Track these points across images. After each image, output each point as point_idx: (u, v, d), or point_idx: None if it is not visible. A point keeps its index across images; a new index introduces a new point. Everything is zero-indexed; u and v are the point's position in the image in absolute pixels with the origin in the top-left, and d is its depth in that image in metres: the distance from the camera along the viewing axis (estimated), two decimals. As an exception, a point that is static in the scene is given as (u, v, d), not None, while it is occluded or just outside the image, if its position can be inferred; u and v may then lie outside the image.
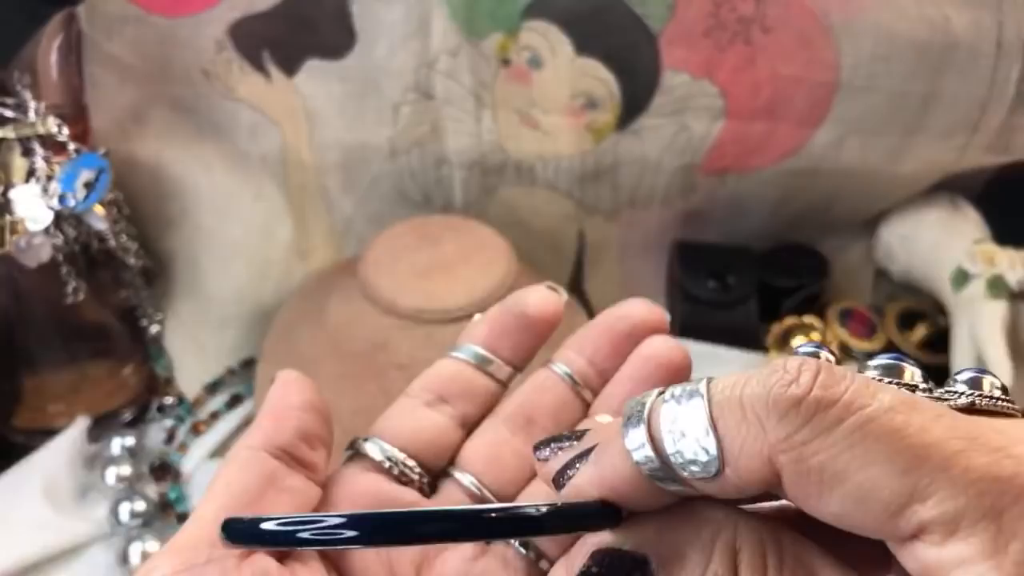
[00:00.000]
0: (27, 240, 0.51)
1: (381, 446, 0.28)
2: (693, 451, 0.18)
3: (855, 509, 0.17)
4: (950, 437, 0.17)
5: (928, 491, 0.17)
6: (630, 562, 0.19)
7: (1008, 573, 0.16)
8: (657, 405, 0.19)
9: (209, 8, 0.56)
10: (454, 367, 0.30)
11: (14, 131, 0.52)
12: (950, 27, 0.55)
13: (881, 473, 0.17)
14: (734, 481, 0.18)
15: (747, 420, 0.18)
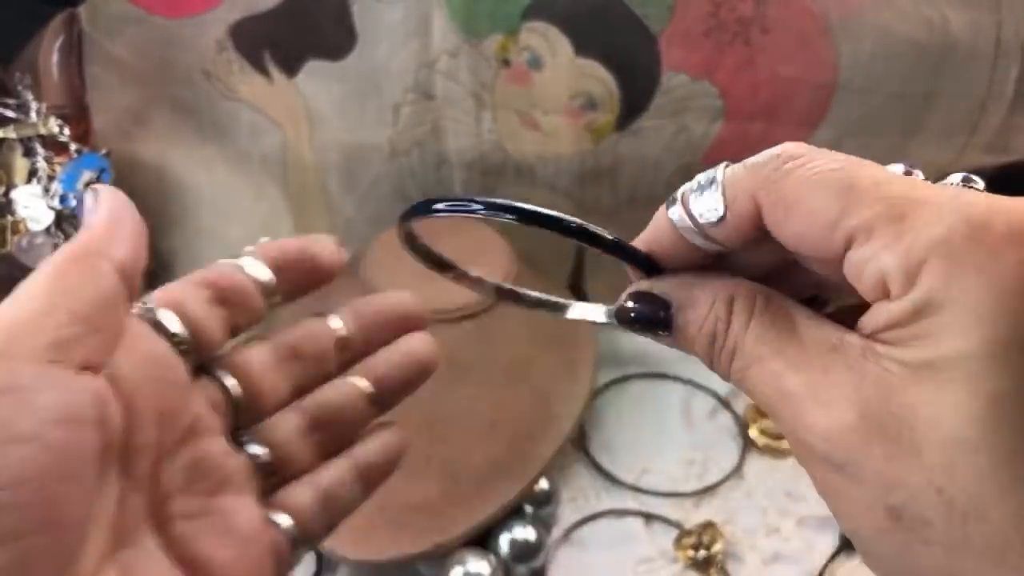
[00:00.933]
0: (29, 240, 0.51)
1: (178, 321, 0.28)
2: (708, 205, 0.24)
3: (808, 228, 0.22)
4: (879, 177, 0.22)
5: (853, 207, 0.22)
6: (659, 302, 0.26)
7: (899, 254, 0.21)
8: (687, 190, 0.25)
9: (210, 9, 0.56)
10: (241, 278, 0.31)
11: (16, 131, 0.52)
12: (949, 28, 0.55)
13: (824, 198, 0.22)
14: (734, 223, 0.24)
15: (744, 173, 0.24)
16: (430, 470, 0.50)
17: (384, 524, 0.48)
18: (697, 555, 0.50)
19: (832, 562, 0.51)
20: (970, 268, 0.20)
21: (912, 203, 0.21)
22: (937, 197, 0.21)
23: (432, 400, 0.51)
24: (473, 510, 0.49)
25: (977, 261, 0.20)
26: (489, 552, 0.50)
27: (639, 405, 0.61)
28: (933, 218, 0.21)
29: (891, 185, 0.22)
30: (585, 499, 0.55)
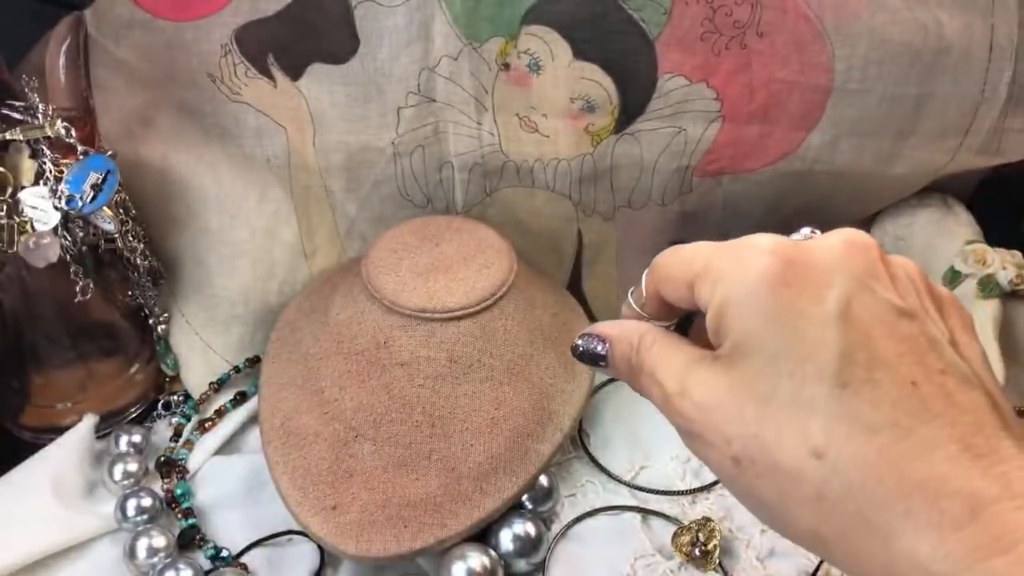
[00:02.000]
0: (36, 240, 0.52)
1: None
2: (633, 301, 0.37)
3: (675, 294, 0.34)
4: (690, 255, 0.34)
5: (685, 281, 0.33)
6: (597, 338, 0.36)
7: (708, 305, 0.32)
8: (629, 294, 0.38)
9: (215, 13, 0.56)
10: None
11: (22, 133, 0.52)
12: (942, 31, 0.55)
13: (677, 273, 0.34)
14: (651, 304, 0.36)
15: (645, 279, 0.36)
16: (431, 466, 0.51)
17: (385, 520, 0.49)
18: (694, 551, 0.51)
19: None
20: (743, 308, 0.30)
21: (716, 271, 0.32)
22: (735, 264, 0.31)
23: (433, 398, 0.52)
24: (474, 506, 0.50)
25: (749, 304, 0.30)
26: (490, 548, 0.50)
27: (637, 403, 0.60)
28: (729, 279, 0.31)
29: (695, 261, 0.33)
30: (584, 495, 0.56)
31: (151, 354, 0.62)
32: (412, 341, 0.53)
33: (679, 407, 0.32)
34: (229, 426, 0.60)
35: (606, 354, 0.36)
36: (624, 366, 0.35)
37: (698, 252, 0.33)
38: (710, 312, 0.31)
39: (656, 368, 0.33)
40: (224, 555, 0.52)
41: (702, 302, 0.32)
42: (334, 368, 0.54)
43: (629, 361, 0.35)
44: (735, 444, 0.29)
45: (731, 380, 0.30)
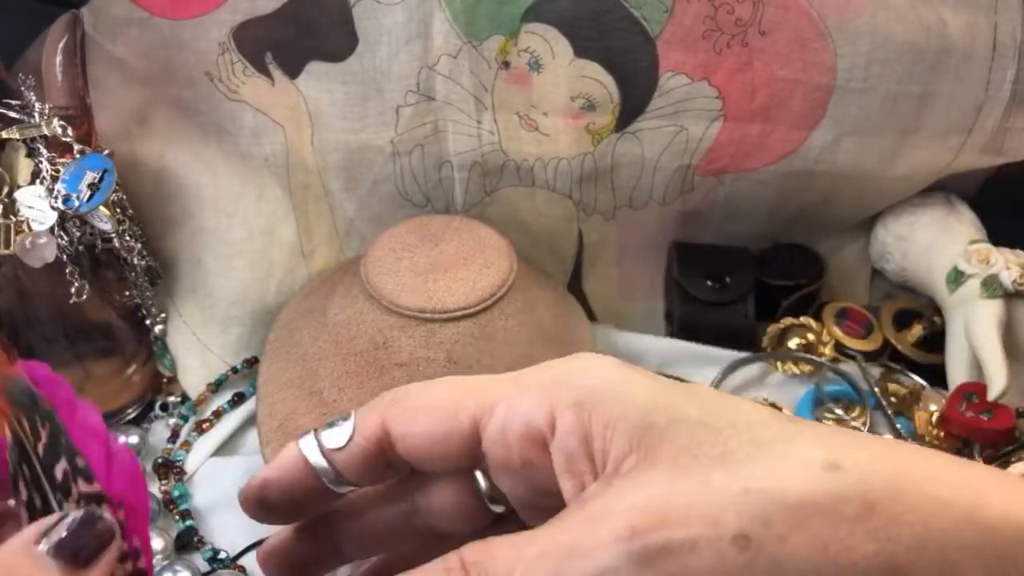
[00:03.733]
0: (32, 240, 0.52)
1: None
2: (338, 433, 0.27)
3: (434, 421, 0.26)
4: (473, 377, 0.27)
5: (473, 394, 0.26)
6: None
7: (543, 402, 0.25)
8: (320, 428, 0.28)
9: (212, 11, 0.56)
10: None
11: (19, 132, 0.52)
12: (946, 30, 0.55)
13: (444, 393, 0.26)
14: (360, 443, 0.26)
15: (371, 403, 0.27)
16: (431, 468, 0.50)
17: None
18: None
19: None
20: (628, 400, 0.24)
21: (523, 377, 0.26)
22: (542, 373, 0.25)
23: (433, 399, 0.52)
24: (473, 508, 0.50)
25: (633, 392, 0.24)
26: None
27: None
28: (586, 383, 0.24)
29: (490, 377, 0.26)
30: (584, 497, 0.55)
31: (148, 355, 0.62)
32: (411, 342, 0.52)
33: (615, 530, 0.22)
34: (227, 427, 0.59)
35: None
36: None
37: (459, 387, 0.26)
38: (567, 425, 0.24)
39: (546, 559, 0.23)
40: (222, 557, 0.52)
41: (519, 427, 0.24)
42: (333, 369, 0.54)
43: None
44: (728, 518, 0.22)
45: (666, 465, 0.23)
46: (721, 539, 0.21)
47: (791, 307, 0.62)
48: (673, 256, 0.63)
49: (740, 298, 0.61)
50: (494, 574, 0.23)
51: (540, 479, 0.25)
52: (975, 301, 0.57)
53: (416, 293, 0.53)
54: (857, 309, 0.63)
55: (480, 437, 0.25)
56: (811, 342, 0.61)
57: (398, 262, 0.55)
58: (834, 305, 0.63)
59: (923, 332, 0.62)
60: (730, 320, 0.61)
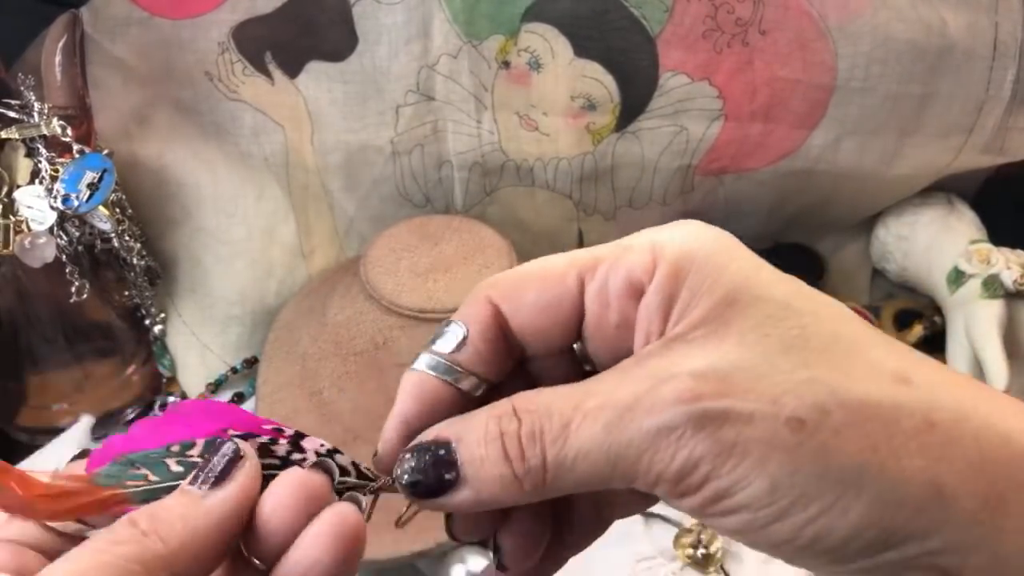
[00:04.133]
0: (31, 240, 0.51)
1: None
2: (449, 337, 0.26)
3: (542, 287, 0.25)
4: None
5: (579, 257, 0.25)
6: (436, 444, 0.24)
7: (645, 253, 0.24)
8: (427, 344, 0.26)
9: (212, 11, 0.56)
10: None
11: (18, 132, 0.52)
12: (946, 29, 0.55)
13: (552, 261, 0.26)
14: (476, 334, 0.25)
15: (473, 290, 0.26)
16: (431, 469, 0.50)
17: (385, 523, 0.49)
18: (696, 553, 0.51)
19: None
20: (719, 258, 0.24)
21: (630, 239, 0.25)
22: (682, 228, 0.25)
23: (433, 399, 0.52)
24: (473, 508, 0.50)
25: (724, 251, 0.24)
26: (489, 551, 0.50)
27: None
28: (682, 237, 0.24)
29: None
30: (585, 498, 0.55)
31: (148, 355, 0.62)
32: (411, 342, 0.52)
33: (685, 392, 0.22)
34: (227, 427, 0.59)
35: (455, 462, 0.24)
36: (497, 456, 0.23)
37: (566, 255, 0.25)
38: (657, 284, 0.24)
39: (590, 397, 0.23)
40: (221, 558, 0.52)
41: (620, 279, 0.24)
42: (332, 369, 0.53)
43: (503, 450, 0.23)
44: (788, 400, 0.21)
45: (736, 338, 0.22)
46: (776, 417, 0.21)
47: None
48: (673, 256, 0.63)
49: (740, 298, 0.61)
50: (548, 424, 0.23)
51: (627, 347, 0.25)
52: (976, 301, 0.57)
53: (416, 293, 0.53)
54: (858, 309, 0.63)
55: (583, 301, 0.25)
56: (811, 342, 0.61)
57: (398, 262, 0.55)
58: (834, 305, 0.63)
59: (923, 332, 0.62)
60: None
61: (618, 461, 0.22)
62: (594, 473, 0.23)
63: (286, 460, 0.26)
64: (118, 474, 0.25)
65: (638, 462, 0.22)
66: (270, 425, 0.26)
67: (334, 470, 0.25)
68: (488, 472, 0.23)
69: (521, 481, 0.23)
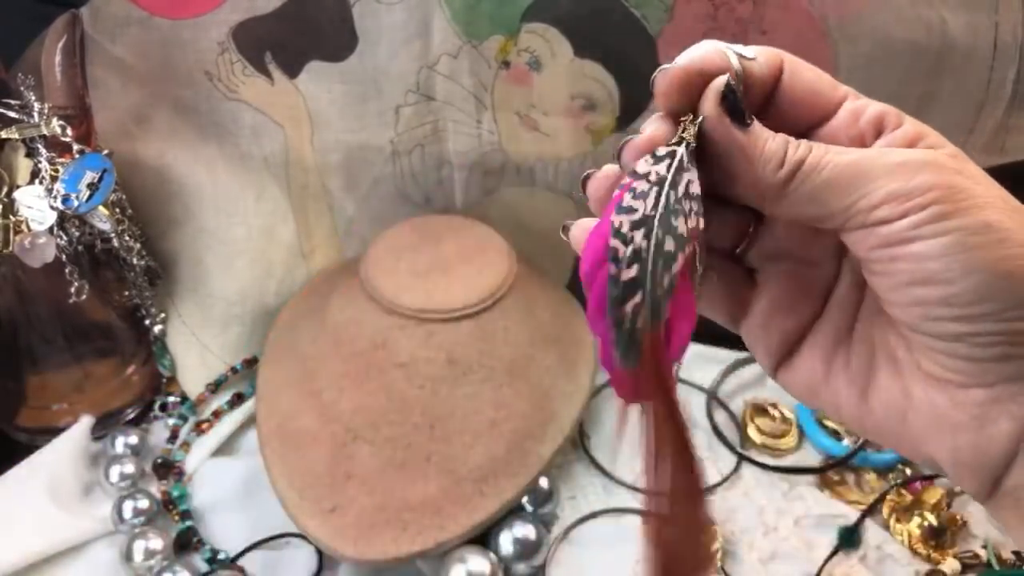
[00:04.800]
0: (31, 240, 0.51)
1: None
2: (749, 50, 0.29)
3: (816, 75, 0.28)
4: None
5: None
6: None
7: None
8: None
9: (212, 11, 0.56)
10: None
11: (18, 132, 0.52)
12: (947, 30, 0.55)
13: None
14: (765, 58, 0.28)
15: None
16: (430, 469, 0.50)
17: (384, 523, 0.49)
18: (696, 553, 0.51)
19: (830, 561, 0.51)
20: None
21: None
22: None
23: (432, 399, 0.52)
24: (473, 508, 0.50)
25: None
26: (489, 550, 0.50)
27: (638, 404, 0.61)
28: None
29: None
30: (584, 498, 0.55)
31: (148, 355, 0.62)
32: (411, 342, 0.52)
33: (921, 151, 0.26)
34: (226, 428, 0.59)
35: (748, 124, 0.28)
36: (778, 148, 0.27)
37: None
38: (907, 124, 0.28)
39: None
40: (221, 557, 0.52)
41: (873, 111, 0.28)
42: (332, 369, 0.53)
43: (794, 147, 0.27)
44: (1003, 195, 0.27)
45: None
46: (1000, 198, 0.26)
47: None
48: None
49: (740, 298, 0.61)
50: (817, 150, 0.27)
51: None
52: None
53: (416, 293, 0.53)
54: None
55: (839, 108, 0.28)
56: (811, 342, 0.61)
57: (398, 262, 0.55)
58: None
59: (924, 332, 0.62)
60: (730, 320, 0.61)
61: (857, 178, 0.26)
62: (838, 187, 0.26)
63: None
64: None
65: (880, 178, 0.26)
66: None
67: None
68: (766, 144, 0.27)
69: (782, 164, 0.27)
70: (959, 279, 0.25)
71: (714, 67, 0.28)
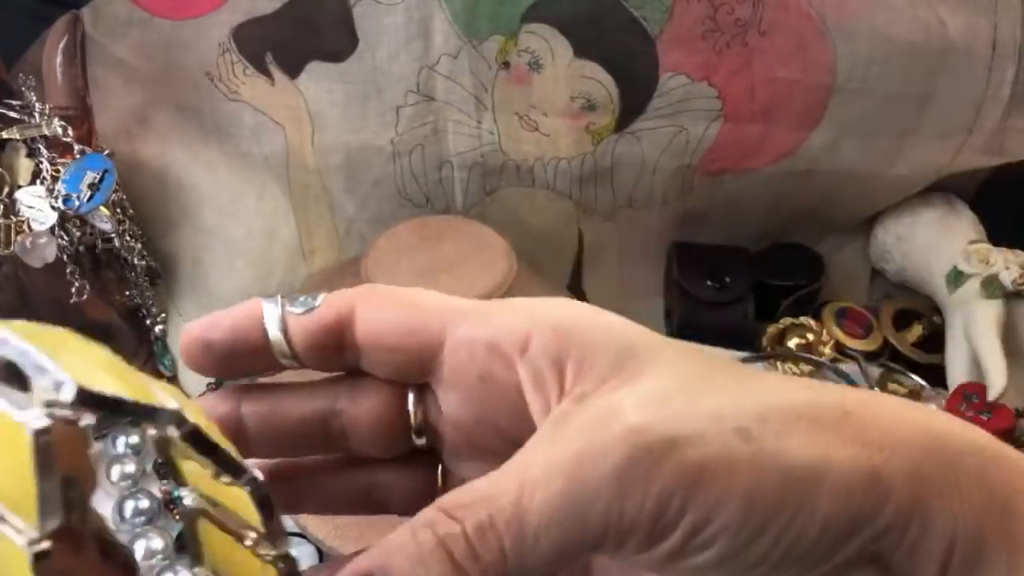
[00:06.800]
0: (32, 240, 0.52)
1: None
2: (306, 300, 0.25)
3: (406, 313, 0.25)
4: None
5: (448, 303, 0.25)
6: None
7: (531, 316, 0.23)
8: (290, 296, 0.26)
9: (213, 11, 0.56)
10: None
11: (19, 132, 0.52)
12: (945, 30, 0.55)
13: (423, 296, 0.25)
14: (323, 313, 0.25)
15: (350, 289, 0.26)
16: (431, 468, 0.50)
17: (385, 521, 0.49)
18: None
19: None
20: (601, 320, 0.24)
21: (508, 301, 0.25)
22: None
23: (433, 399, 0.52)
24: (473, 508, 0.50)
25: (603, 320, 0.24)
26: None
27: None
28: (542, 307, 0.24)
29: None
30: (584, 497, 0.55)
31: (148, 355, 0.62)
32: (411, 341, 0.52)
33: (625, 427, 0.21)
34: (227, 427, 0.59)
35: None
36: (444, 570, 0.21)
37: (460, 299, 0.25)
38: (542, 343, 0.23)
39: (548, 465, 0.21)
40: (222, 557, 0.52)
41: (487, 334, 0.23)
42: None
43: (473, 559, 0.20)
44: (727, 414, 0.21)
45: (654, 375, 0.22)
46: (724, 432, 0.21)
47: (791, 307, 0.62)
48: (673, 256, 0.63)
49: (740, 298, 0.61)
50: (496, 510, 0.21)
51: (491, 403, 0.24)
52: (975, 301, 0.57)
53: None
54: (857, 309, 0.63)
55: (443, 343, 0.24)
56: (811, 342, 0.61)
57: (398, 262, 0.55)
58: (834, 305, 0.63)
59: (923, 332, 0.62)
60: (730, 320, 0.61)
61: (585, 521, 0.20)
62: (562, 545, 0.21)
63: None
64: None
65: (607, 515, 0.20)
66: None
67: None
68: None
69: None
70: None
71: (244, 330, 0.24)
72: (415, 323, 0.24)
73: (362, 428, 0.26)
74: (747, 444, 0.21)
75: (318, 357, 0.25)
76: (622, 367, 0.22)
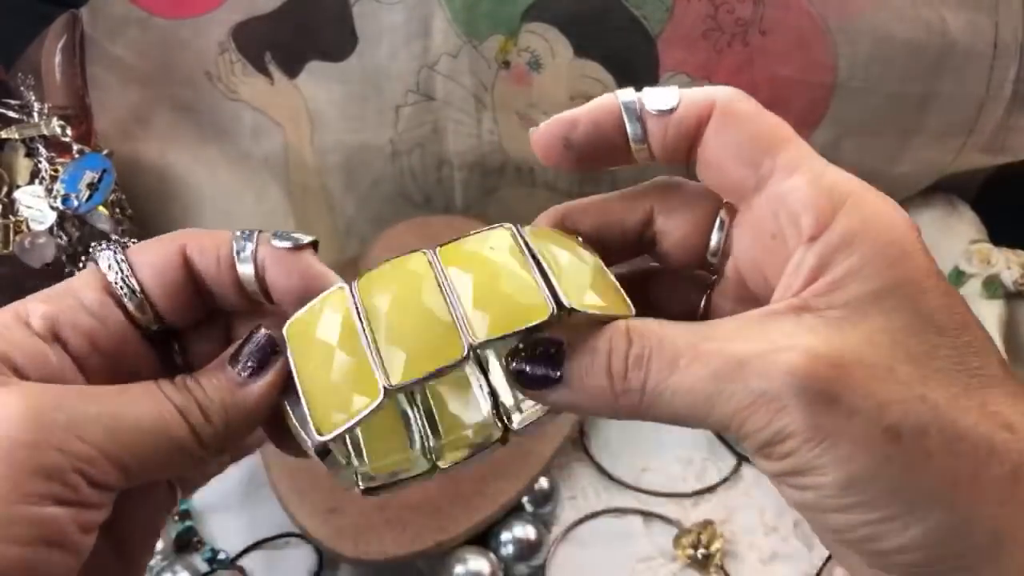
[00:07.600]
0: (31, 240, 0.51)
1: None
2: (664, 96, 0.27)
3: (743, 138, 0.26)
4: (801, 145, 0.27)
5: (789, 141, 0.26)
6: (549, 341, 0.24)
7: (821, 190, 0.25)
8: (647, 88, 0.28)
9: (211, 11, 0.56)
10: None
11: (18, 132, 0.52)
12: (947, 29, 0.55)
13: (768, 121, 0.26)
14: (681, 116, 0.27)
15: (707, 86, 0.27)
16: (430, 469, 0.50)
17: (384, 523, 0.49)
18: (696, 554, 0.51)
19: (830, 561, 0.51)
20: (884, 253, 0.23)
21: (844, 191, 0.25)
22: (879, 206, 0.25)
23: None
24: (473, 509, 0.50)
25: (889, 253, 0.23)
26: (489, 551, 0.50)
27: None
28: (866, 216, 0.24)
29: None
30: (584, 498, 0.55)
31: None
32: (411, 342, 0.52)
33: (798, 367, 0.22)
34: (226, 427, 0.59)
35: (562, 360, 0.24)
36: (601, 372, 0.24)
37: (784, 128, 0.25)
38: (828, 236, 0.23)
39: (701, 343, 0.23)
40: (221, 557, 0.52)
41: (791, 199, 0.24)
42: (332, 369, 0.53)
43: (609, 370, 0.24)
44: (894, 410, 0.21)
45: (869, 332, 0.22)
46: (877, 423, 0.21)
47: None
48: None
49: (740, 298, 0.61)
50: (658, 353, 0.23)
51: (769, 259, 0.25)
52: (976, 301, 0.57)
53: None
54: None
55: (763, 189, 0.25)
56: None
57: (398, 262, 0.55)
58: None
59: (924, 332, 0.62)
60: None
61: (714, 409, 0.23)
62: (688, 413, 0.23)
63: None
64: None
65: (733, 416, 0.22)
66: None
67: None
68: (588, 382, 0.24)
69: (617, 398, 0.24)
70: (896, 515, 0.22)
71: (604, 121, 0.26)
72: (752, 154, 0.25)
73: (671, 239, 0.29)
74: (887, 445, 0.22)
75: (669, 157, 0.28)
76: (864, 303, 0.23)
